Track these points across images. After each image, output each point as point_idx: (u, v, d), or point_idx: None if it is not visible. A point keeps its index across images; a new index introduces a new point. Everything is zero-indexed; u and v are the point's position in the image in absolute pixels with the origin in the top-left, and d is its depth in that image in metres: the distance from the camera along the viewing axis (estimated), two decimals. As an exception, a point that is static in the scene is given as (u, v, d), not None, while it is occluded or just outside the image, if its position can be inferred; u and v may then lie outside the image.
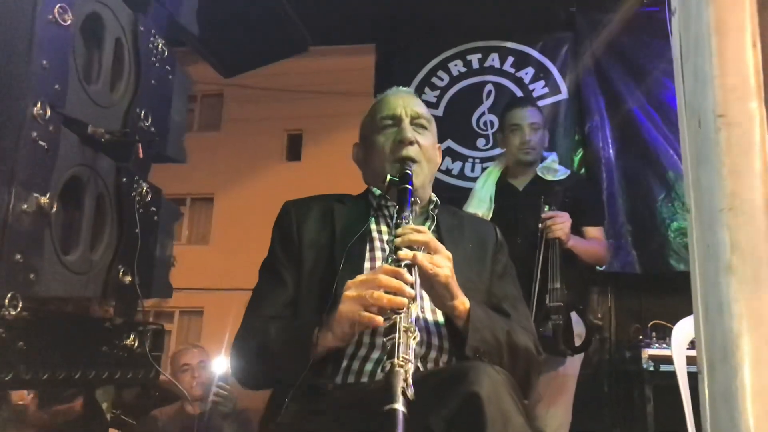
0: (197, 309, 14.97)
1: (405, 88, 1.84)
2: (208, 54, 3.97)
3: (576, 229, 2.90)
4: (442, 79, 4.59)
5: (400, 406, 1.06)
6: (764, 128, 0.68)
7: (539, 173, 3.02)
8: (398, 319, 1.24)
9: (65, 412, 2.86)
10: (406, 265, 1.36)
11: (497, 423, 1.11)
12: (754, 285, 0.65)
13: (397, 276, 1.32)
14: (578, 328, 2.75)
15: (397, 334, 1.21)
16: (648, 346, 3.51)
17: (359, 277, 1.38)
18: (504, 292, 1.68)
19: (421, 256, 1.39)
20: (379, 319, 1.28)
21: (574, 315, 2.87)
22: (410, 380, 1.14)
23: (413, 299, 1.31)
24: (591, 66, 4.31)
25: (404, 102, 1.72)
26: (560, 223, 2.68)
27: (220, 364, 3.12)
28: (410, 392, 1.12)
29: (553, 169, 3.02)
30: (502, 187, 3.08)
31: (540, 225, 2.71)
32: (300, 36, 4.20)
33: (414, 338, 1.24)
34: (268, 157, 16.41)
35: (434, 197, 1.73)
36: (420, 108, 1.73)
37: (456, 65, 4.59)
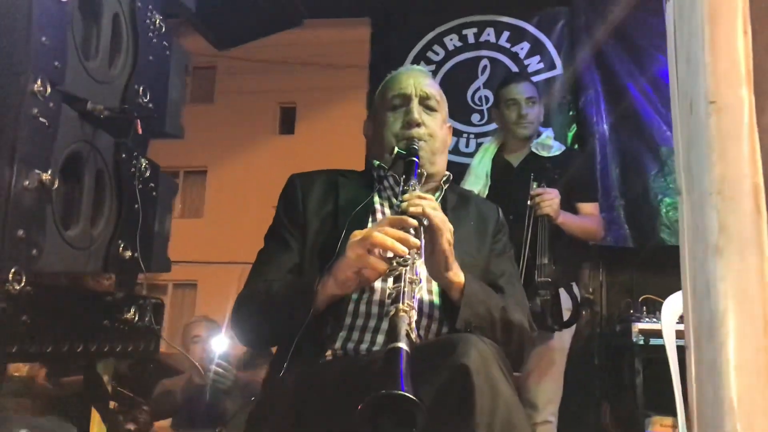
0: (191, 282, 15.05)
1: (418, 67, 1.87)
2: (203, 27, 3.95)
3: (570, 206, 2.93)
4: (437, 54, 4.58)
5: (403, 345, 1.12)
6: (753, 115, 0.70)
7: (534, 149, 3.04)
8: (404, 271, 1.30)
9: (73, 384, 2.88)
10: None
11: (485, 393, 1.15)
12: (740, 266, 0.68)
13: (403, 223, 1.37)
14: (569, 302, 2.80)
15: (402, 283, 1.27)
16: (638, 320, 3.56)
17: (363, 230, 1.43)
18: (501, 270, 1.73)
19: (436, 213, 1.45)
20: (382, 264, 1.34)
21: (572, 287, 2.93)
22: (414, 325, 1.20)
23: (418, 251, 1.35)
24: (586, 41, 4.31)
25: (415, 81, 1.75)
26: (549, 200, 2.70)
27: (220, 342, 3.15)
28: (414, 335, 1.18)
29: (548, 145, 3.04)
30: (498, 164, 3.11)
31: (529, 202, 2.73)
32: (295, 9, 4.17)
33: (419, 290, 1.30)
34: (262, 130, 16.39)
35: (447, 173, 1.78)
36: (430, 88, 1.76)
37: (452, 40, 4.58)
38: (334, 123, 14.53)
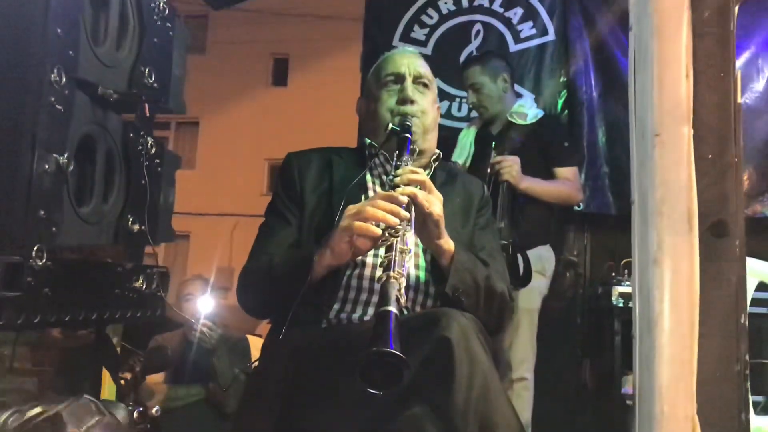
0: (184, 233, 15.15)
1: (410, 48, 1.97)
2: (199, -12, 3.99)
3: (548, 170, 3.04)
4: (431, 17, 4.61)
5: (393, 308, 1.24)
6: (691, 148, 0.82)
7: (510, 118, 3.11)
8: (395, 241, 1.40)
9: (83, 337, 2.95)
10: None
11: (464, 363, 1.28)
12: (674, 277, 0.81)
13: (393, 200, 1.48)
14: (537, 265, 2.90)
15: (393, 252, 1.38)
16: (619, 283, 3.67)
17: (357, 204, 1.53)
18: (482, 243, 1.84)
19: (419, 192, 1.54)
20: (375, 229, 1.44)
21: (545, 249, 3.06)
22: (403, 290, 1.31)
23: (408, 222, 1.46)
24: (578, 8, 4.35)
25: (408, 62, 1.85)
26: (508, 167, 2.79)
27: (207, 301, 3.25)
28: (403, 300, 1.30)
29: (523, 113, 3.11)
30: (480, 134, 3.22)
31: (489, 170, 2.82)
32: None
33: (408, 259, 1.41)
34: (254, 82, 16.31)
35: (437, 151, 1.87)
36: (423, 68, 1.86)
37: (446, 3, 4.60)
38: (328, 75, 14.45)
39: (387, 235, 1.44)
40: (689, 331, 0.80)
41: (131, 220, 1.81)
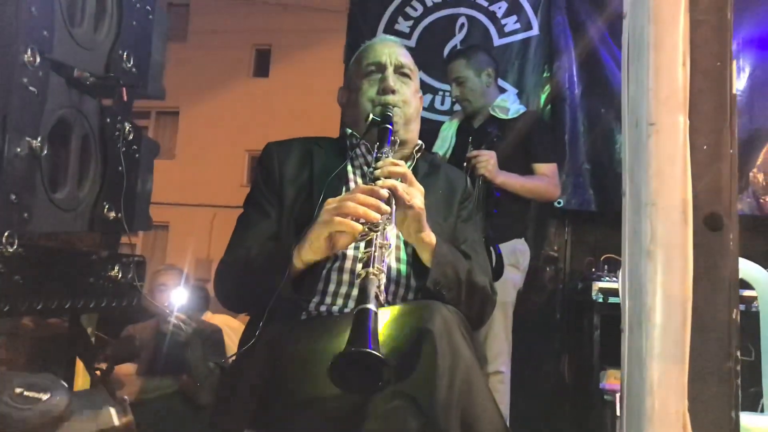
0: (163, 224, 15.02)
1: (391, 37, 1.93)
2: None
3: (527, 166, 3.03)
4: (416, 9, 4.58)
5: (372, 306, 1.21)
6: (686, 138, 0.80)
7: (492, 112, 3.12)
8: (374, 236, 1.37)
9: (57, 326, 2.89)
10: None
11: (447, 356, 1.26)
12: (667, 270, 0.79)
13: (373, 194, 1.44)
14: (511, 258, 2.91)
15: (373, 248, 1.35)
16: (599, 279, 3.67)
17: (337, 197, 1.49)
18: (465, 236, 1.81)
19: (400, 185, 1.51)
20: (355, 225, 1.40)
21: (519, 243, 3.05)
22: (383, 287, 1.29)
23: (389, 216, 1.43)
24: (562, 4, 4.34)
25: (389, 51, 1.81)
26: (483, 161, 2.79)
27: (180, 295, 3.20)
28: (382, 297, 1.27)
29: (505, 108, 3.11)
30: (462, 127, 3.21)
31: (465, 164, 2.81)
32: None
33: (388, 254, 1.38)
34: (235, 72, 16.19)
35: (419, 142, 1.84)
36: (404, 58, 1.82)
37: (430, -5, 4.58)
38: (310, 67, 14.39)
39: (367, 229, 1.41)
40: (681, 326, 0.78)
41: (107, 207, 1.76)
